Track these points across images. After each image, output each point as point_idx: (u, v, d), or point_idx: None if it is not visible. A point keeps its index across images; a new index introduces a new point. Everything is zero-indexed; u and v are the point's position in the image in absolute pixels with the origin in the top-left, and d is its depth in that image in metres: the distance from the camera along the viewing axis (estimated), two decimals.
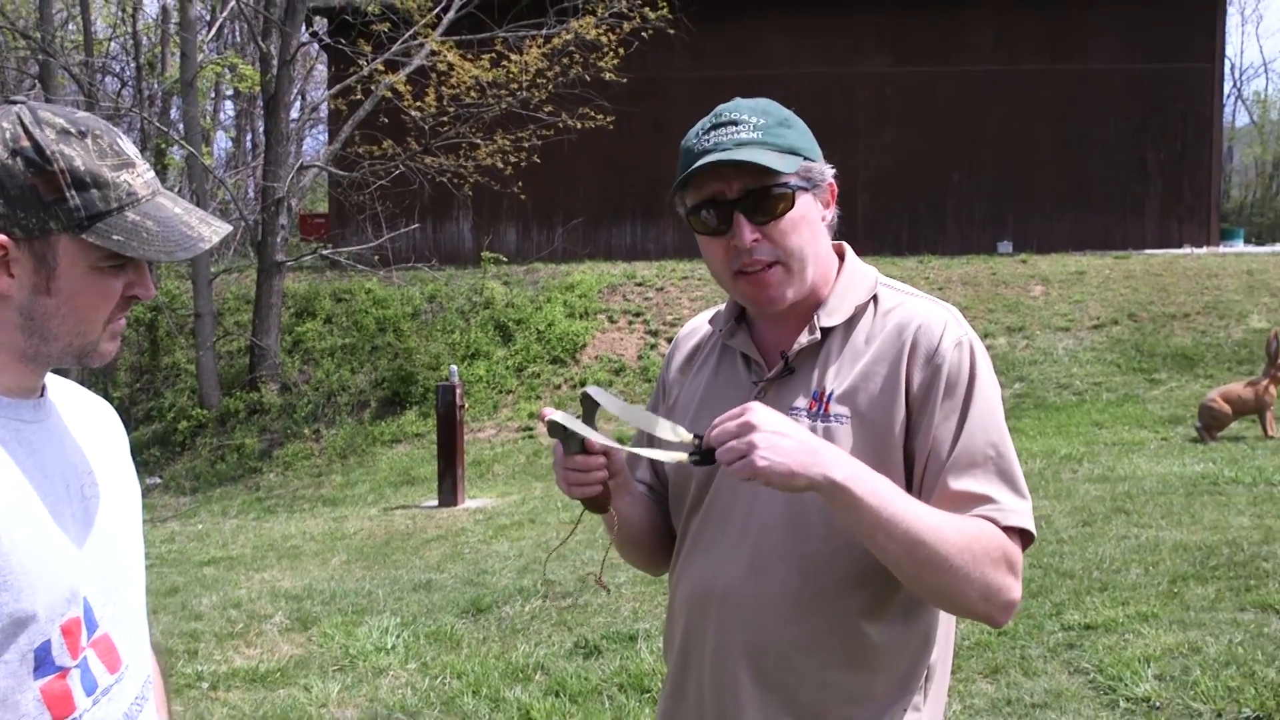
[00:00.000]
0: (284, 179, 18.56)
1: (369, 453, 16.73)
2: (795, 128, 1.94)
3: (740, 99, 1.98)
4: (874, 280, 2.02)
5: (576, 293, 20.00)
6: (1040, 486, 9.83)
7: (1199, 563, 6.79)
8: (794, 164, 1.89)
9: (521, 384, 17.99)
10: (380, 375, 18.47)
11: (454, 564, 9.29)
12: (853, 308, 1.97)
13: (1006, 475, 1.85)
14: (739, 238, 1.89)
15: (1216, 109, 24.63)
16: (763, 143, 1.88)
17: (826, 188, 1.97)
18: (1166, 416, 13.70)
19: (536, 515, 11.37)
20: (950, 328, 1.91)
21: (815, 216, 1.95)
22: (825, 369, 1.94)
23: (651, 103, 22.97)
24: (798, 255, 1.91)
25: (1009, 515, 1.82)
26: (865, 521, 1.72)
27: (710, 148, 1.89)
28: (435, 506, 12.71)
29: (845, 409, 1.89)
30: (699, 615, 1.99)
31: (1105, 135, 23.87)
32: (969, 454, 1.83)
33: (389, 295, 20.15)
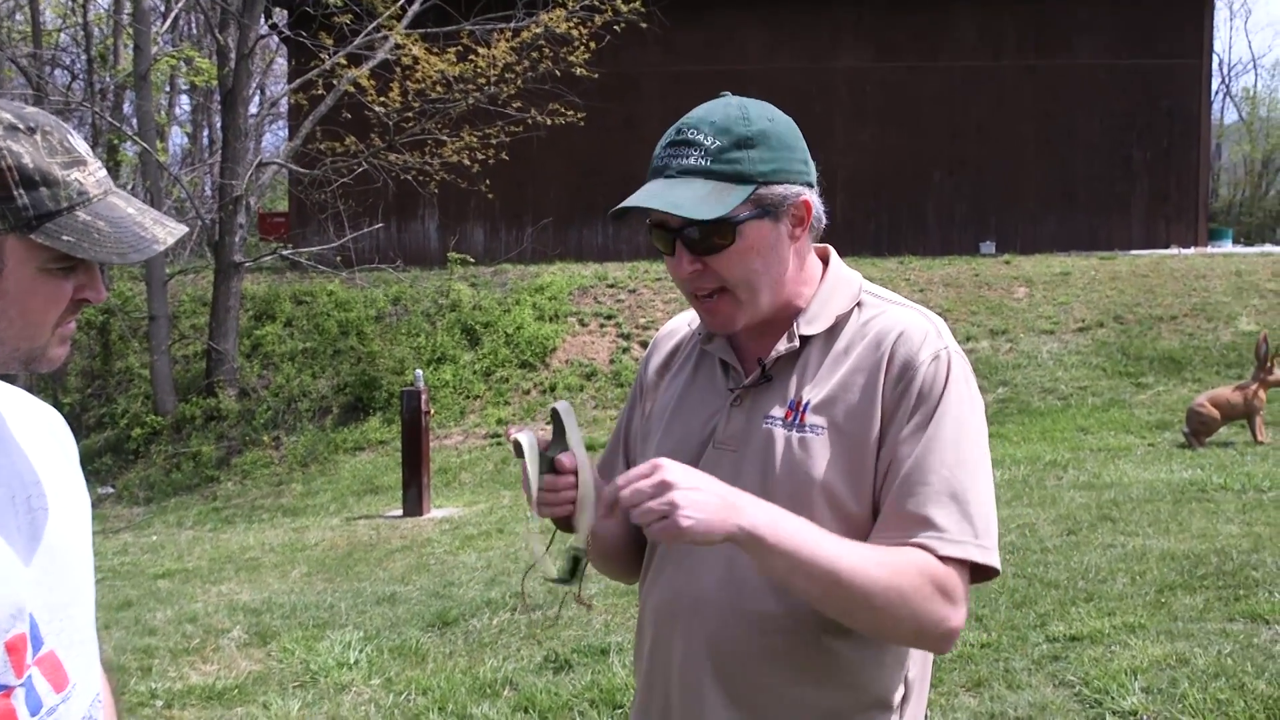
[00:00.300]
0: (242, 176, 18.47)
1: (331, 461, 16.66)
2: (761, 145, 1.88)
3: (713, 105, 1.93)
4: (858, 288, 2.02)
5: (546, 295, 19.98)
6: (1024, 494, 9.88)
7: (1187, 572, 6.83)
8: (738, 197, 1.84)
9: (489, 389, 17.95)
10: (342, 380, 18.40)
11: (419, 576, 9.26)
12: (834, 316, 1.96)
13: (960, 500, 1.82)
14: (677, 268, 1.90)
15: (1204, 105, 24.81)
16: (707, 171, 1.85)
17: (796, 207, 1.92)
18: (1153, 421, 13.79)
19: (505, 525, 11.35)
20: (930, 339, 1.90)
21: (771, 243, 1.91)
22: (803, 378, 1.94)
23: (624, 99, 22.99)
24: (745, 284, 1.90)
25: (947, 545, 1.79)
26: (779, 567, 1.73)
27: (660, 167, 1.89)
28: (400, 516, 12.67)
29: (822, 419, 1.88)
30: (667, 627, 1.99)
31: (1090, 133, 24.02)
32: (922, 474, 1.82)
33: (352, 297, 20.07)
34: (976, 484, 1.84)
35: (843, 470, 1.84)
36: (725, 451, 1.95)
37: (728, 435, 1.96)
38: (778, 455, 1.89)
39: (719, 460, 1.95)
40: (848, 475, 1.84)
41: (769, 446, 1.90)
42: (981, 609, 6.37)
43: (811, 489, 1.86)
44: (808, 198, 1.93)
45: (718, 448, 1.96)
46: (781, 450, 1.89)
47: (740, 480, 1.88)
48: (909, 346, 1.89)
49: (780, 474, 1.88)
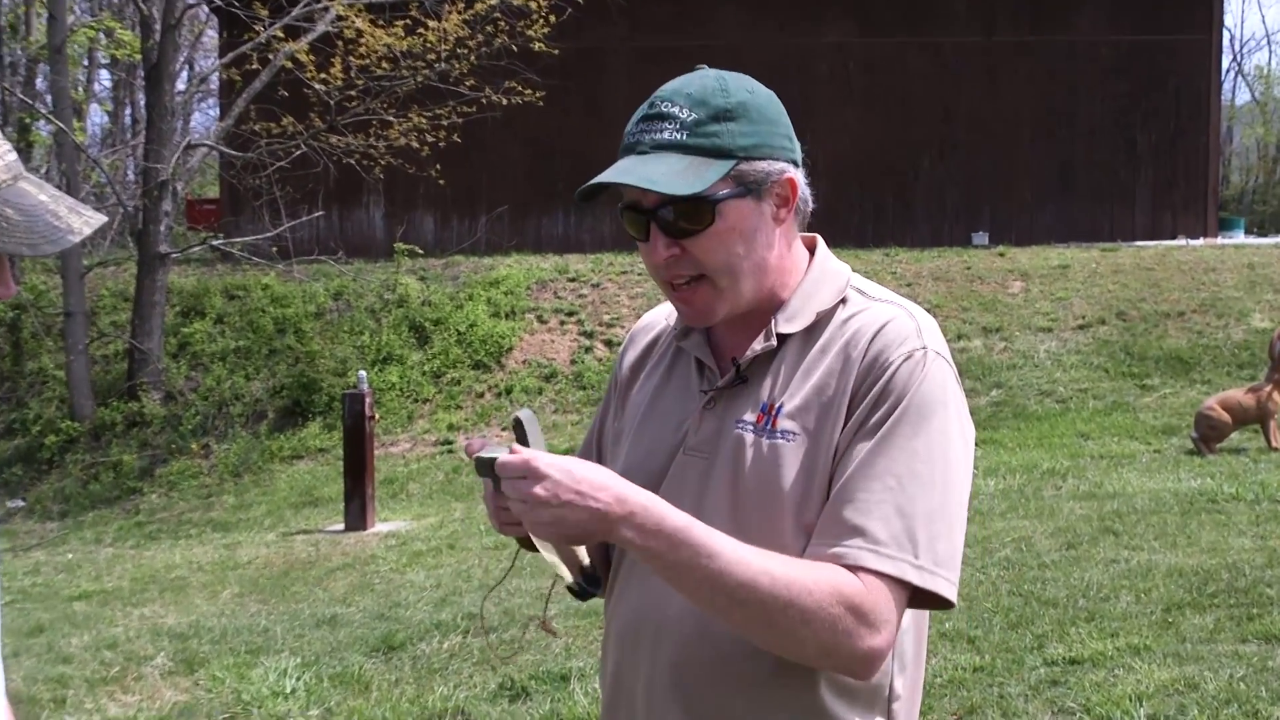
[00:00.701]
0: (168, 159, 18.35)
1: (266, 470, 16.58)
2: (742, 119, 1.89)
3: (692, 77, 1.94)
4: (844, 281, 2.00)
5: (502, 289, 19.94)
6: (1020, 505, 9.92)
7: (1196, 589, 6.87)
8: (717, 173, 1.85)
9: (440, 392, 17.91)
10: (279, 382, 18.31)
11: (362, 596, 9.22)
12: (815, 313, 1.95)
13: (905, 514, 1.78)
14: (653, 253, 1.89)
15: (1214, 85, 24.99)
16: (683, 146, 1.85)
17: (780, 185, 1.94)
18: (1159, 426, 13.88)
19: (457, 540, 11.32)
20: (908, 338, 1.88)
21: (755, 224, 1.91)
22: (777, 380, 1.93)
23: (586, 77, 22.98)
24: (725, 270, 1.89)
25: (877, 558, 1.76)
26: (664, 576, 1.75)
27: (632, 144, 1.88)
28: (341, 531, 12.62)
29: (795, 425, 1.88)
30: (631, 650, 1.98)
31: (1091, 115, 24.16)
32: (865, 477, 1.80)
33: (289, 292, 19.98)
34: (930, 499, 1.80)
35: (810, 480, 1.83)
36: (696, 458, 1.94)
37: (699, 440, 1.95)
38: (747, 463, 1.88)
39: (690, 467, 1.94)
40: (815, 484, 1.84)
41: (739, 453, 1.89)
42: (974, 630, 6.40)
43: (780, 500, 1.85)
44: (792, 176, 1.94)
45: (688, 454, 1.96)
46: (751, 457, 1.88)
47: (710, 489, 1.89)
48: (884, 344, 1.87)
49: (749, 483, 1.87)
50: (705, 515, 1.85)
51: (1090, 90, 24.11)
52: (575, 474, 1.69)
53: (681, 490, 1.91)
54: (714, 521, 1.83)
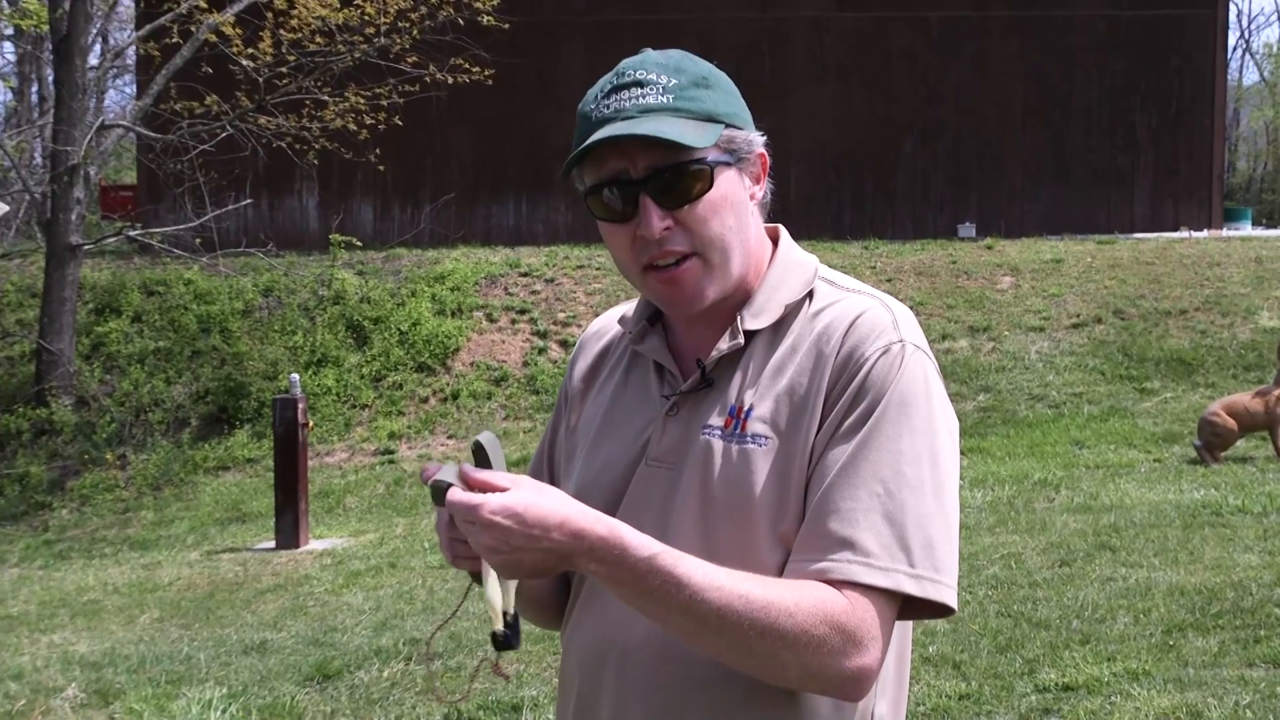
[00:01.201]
0: (80, 141, 18.23)
1: (189, 483, 16.50)
2: (716, 88, 1.94)
3: (650, 51, 1.97)
4: (812, 273, 2.02)
5: (448, 285, 19.91)
6: (1009, 518, 9.97)
7: (1199, 609, 6.92)
8: (712, 134, 1.88)
9: (380, 397, 17.86)
10: (203, 387, 18.22)
11: (295, 620, 9.19)
12: (782, 307, 1.96)
13: (894, 520, 1.79)
14: (646, 226, 1.88)
15: (1219, 64, 25.18)
16: (673, 109, 1.87)
17: (756, 159, 1.98)
18: (1160, 433, 13.98)
19: (398, 559, 11.29)
20: (884, 330, 1.89)
21: (741, 196, 1.94)
22: (746, 381, 1.93)
23: (539, 53, 22.95)
24: (719, 245, 1.91)
25: (870, 571, 1.76)
26: (631, 603, 1.76)
27: (609, 115, 1.88)
28: (272, 549, 12.57)
29: (766, 429, 1.88)
30: (594, 678, 1.98)
31: (1087, 96, 24.30)
32: (849, 484, 1.80)
33: (214, 288, 19.88)
34: (920, 502, 1.81)
35: (783, 487, 1.84)
36: (660, 469, 1.95)
37: (663, 450, 1.95)
38: (715, 471, 1.89)
39: (653, 480, 1.95)
40: (788, 492, 1.84)
41: (707, 460, 1.90)
42: (960, 654, 6.43)
43: (752, 510, 1.85)
44: (763, 151, 1.98)
45: (651, 465, 1.96)
46: (720, 465, 1.89)
47: (676, 502, 1.89)
48: (858, 338, 1.88)
49: (717, 492, 1.88)
50: (672, 530, 1.86)
51: (1086, 69, 24.26)
52: (526, 516, 1.68)
53: (645, 505, 1.92)
54: (682, 536, 1.84)
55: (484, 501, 1.68)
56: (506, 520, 1.67)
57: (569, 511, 1.70)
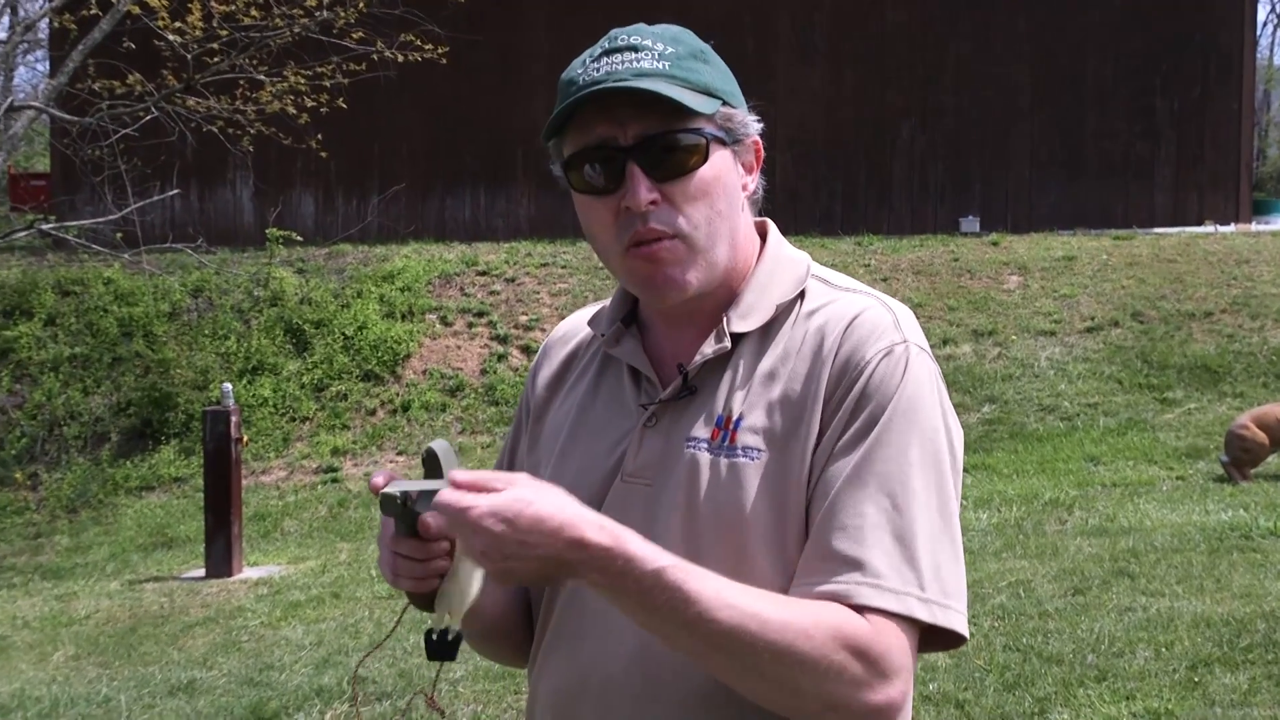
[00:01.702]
0: None
1: (109, 505, 16.43)
2: (713, 64, 1.95)
3: (639, 25, 1.98)
4: (804, 270, 2.03)
5: (397, 285, 19.88)
6: (1017, 542, 9.99)
7: (1227, 642, 6.95)
8: (710, 106, 1.89)
9: (322, 409, 17.82)
10: (125, 398, 18.15)
11: (227, 656, 9.15)
12: (773, 307, 1.97)
13: (903, 538, 1.80)
14: (633, 196, 1.87)
15: (1248, 42, 25.28)
16: (670, 75, 1.88)
17: (750, 147, 1.99)
18: (1183, 448, 14.03)
19: (342, 588, 11.27)
20: (884, 331, 1.90)
21: (734, 181, 1.96)
22: (734, 387, 1.93)
23: (500, 29, 22.94)
24: (705, 228, 1.91)
25: (879, 594, 1.77)
26: (638, 619, 1.75)
27: (599, 78, 1.88)
28: (202, 578, 12.53)
29: (758, 440, 1.89)
30: (568, 713, 1.98)
31: (1102, 77, 24.39)
32: (855, 499, 1.81)
33: (137, 287, 19.82)
34: (930, 518, 1.82)
35: (780, 504, 1.84)
36: (637, 486, 1.95)
37: (640, 465, 1.96)
38: (701, 487, 1.89)
39: (630, 497, 1.94)
40: (786, 510, 1.84)
41: (692, 475, 1.90)
42: (963, 692, 6.43)
43: (744, 529, 1.85)
44: (758, 139, 1.99)
45: (627, 481, 1.96)
46: (707, 481, 1.89)
47: (658, 521, 1.89)
48: (857, 340, 1.89)
49: (705, 510, 1.87)
50: None
51: (1101, 47, 24.33)
52: (520, 520, 1.66)
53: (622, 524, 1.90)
54: None
55: (475, 503, 1.67)
56: (498, 525, 1.66)
57: (569, 516, 1.69)
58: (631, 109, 1.86)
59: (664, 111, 1.85)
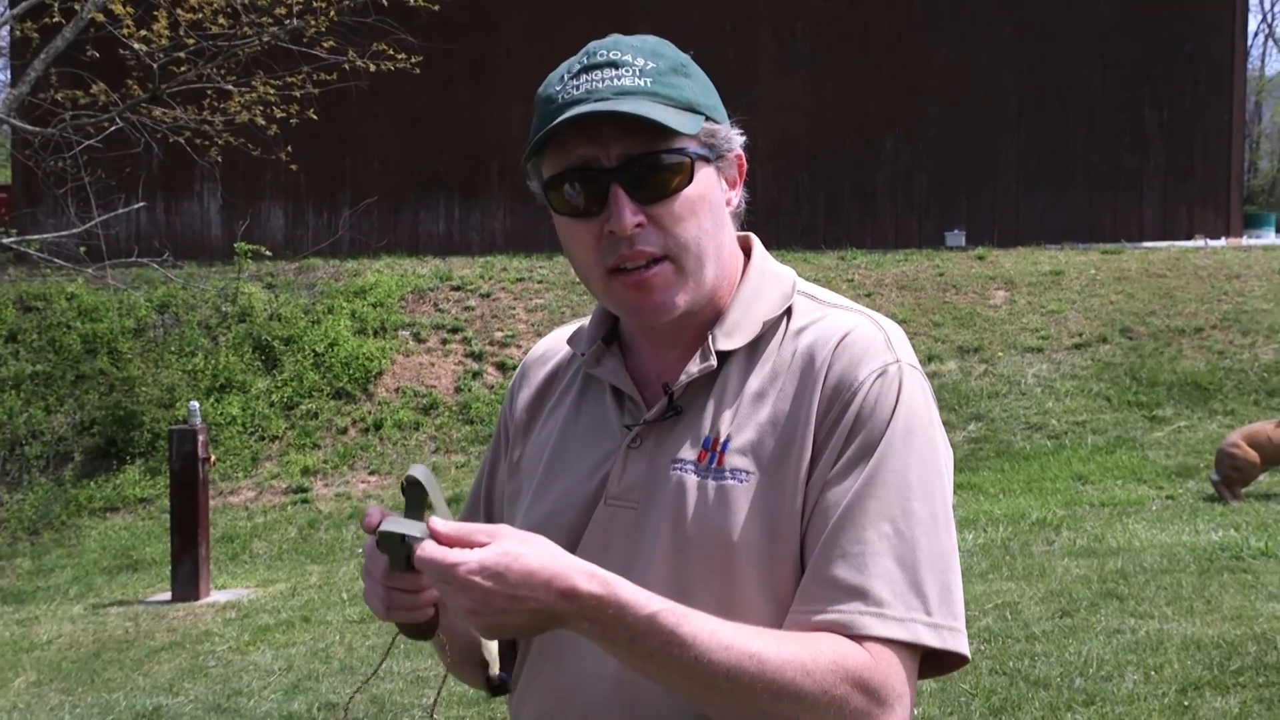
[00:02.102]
0: None
1: (72, 526, 16.37)
2: (695, 78, 1.95)
3: (618, 36, 1.98)
4: (790, 286, 2.04)
5: (369, 300, 19.86)
6: (1004, 563, 10.01)
7: (1217, 665, 6.97)
8: (694, 124, 1.89)
9: (292, 428, 17.78)
10: (88, 416, 18.10)
11: (194, 682, 9.13)
12: (759, 325, 1.97)
13: (906, 563, 1.81)
14: (617, 220, 1.87)
15: (1238, 52, 25.38)
16: (652, 93, 1.88)
17: (734, 161, 2.00)
18: (1173, 467, 14.07)
19: (312, 611, 11.24)
20: (876, 350, 1.91)
21: (718, 198, 1.96)
22: (721, 408, 1.94)
23: (474, 38, 22.95)
24: (694, 249, 1.91)
25: (885, 623, 1.78)
26: (630, 667, 1.76)
27: (579, 97, 1.88)
28: (168, 601, 12.49)
29: (747, 462, 1.89)
30: None
31: (1090, 87, 24.47)
32: (856, 527, 1.81)
33: (101, 303, 19.77)
34: (932, 541, 1.83)
35: (772, 529, 1.84)
36: (622, 509, 1.95)
37: (625, 487, 1.96)
38: (689, 511, 1.89)
39: (614, 521, 1.95)
40: (779, 535, 1.85)
41: (679, 499, 1.90)
42: (949, 716, 6.44)
43: (733, 555, 1.86)
44: (741, 153, 2.00)
45: (611, 504, 1.96)
46: (694, 504, 1.89)
47: (643, 546, 1.89)
48: (848, 359, 1.90)
49: (692, 534, 1.87)
50: (638, 577, 1.85)
51: (1089, 57, 24.42)
52: (509, 575, 1.66)
53: (606, 548, 1.92)
54: (651, 584, 1.83)
55: (462, 559, 1.66)
56: (487, 581, 1.66)
57: (558, 568, 1.68)
58: (614, 129, 1.85)
59: (647, 131, 1.85)
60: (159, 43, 18.51)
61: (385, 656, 2.23)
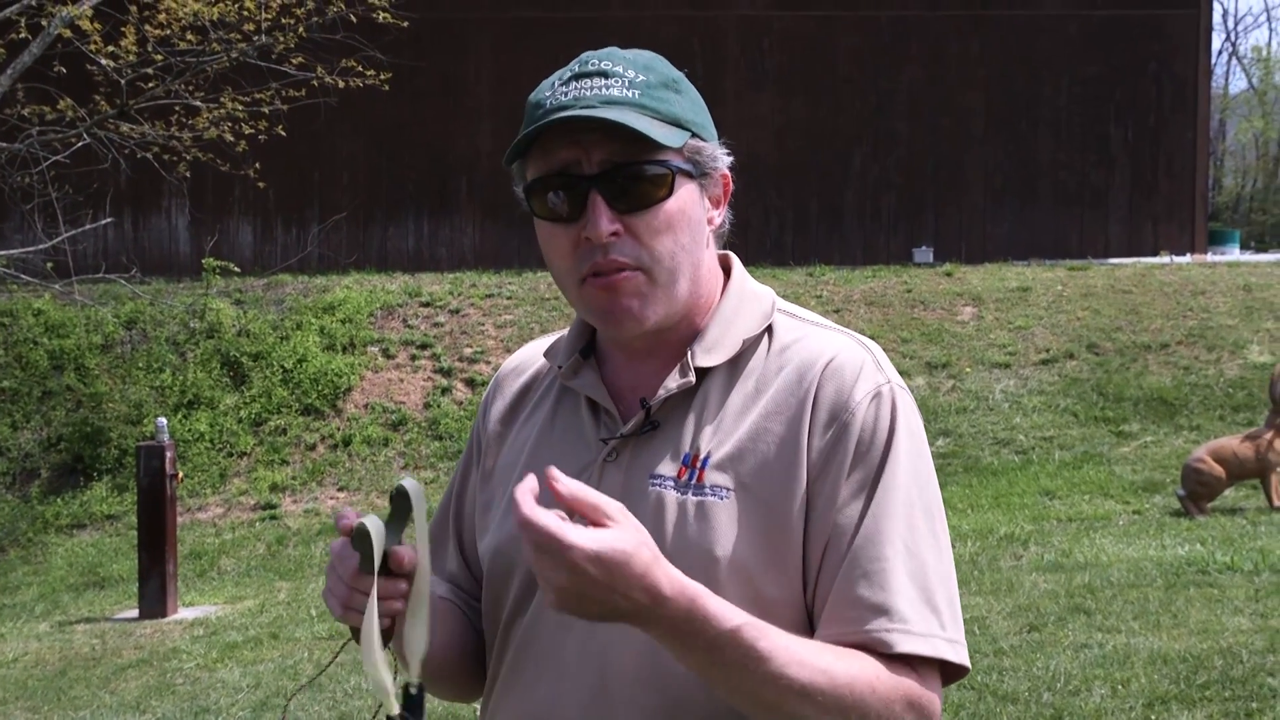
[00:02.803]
0: None
1: (38, 543, 16.30)
2: (685, 94, 1.97)
3: (612, 49, 1.99)
4: (770, 305, 2.04)
5: (338, 316, 19.82)
6: (972, 578, 10.02)
7: (1184, 679, 6.98)
8: (679, 138, 1.90)
9: (260, 444, 17.73)
10: (55, 432, 18.02)
11: (161, 700, 9.09)
12: (739, 342, 1.98)
13: (921, 581, 1.85)
14: (593, 227, 1.88)
15: (1203, 69, 25.53)
16: (639, 105, 1.89)
17: (719, 180, 2.01)
18: (1139, 482, 14.11)
19: (281, 628, 11.20)
20: (867, 372, 1.93)
21: (699, 215, 1.96)
22: (700, 424, 1.94)
23: (443, 55, 22.94)
24: (667, 263, 1.92)
25: (912, 639, 1.82)
26: (701, 677, 1.77)
27: (567, 103, 1.88)
28: (135, 618, 12.44)
29: (727, 479, 1.89)
30: None
31: (1056, 105, 24.59)
32: (875, 548, 1.84)
33: (68, 319, 19.69)
34: (938, 558, 1.89)
35: (757, 545, 1.85)
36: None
37: None
38: (669, 526, 1.89)
39: None
40: (764, 551, 1.86)
41: (658, 515, 1.90)
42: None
43: (715, 569, 1.86)
44: (728, 173, 2.02)
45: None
46: (673, 520, 1.90)
47: None
48: (841, 382, 1.91)
49: (672, 550, 1.85)
50: None
51: (1054, 74, 24.55)
52: (616, 571, 1.63)
53: None
54: None
55: (578, 544, 1.61)
56: (595, 570, 1.63)
57: (656, 574, 1.67)
58: (597, 136, 1.86)
59: (630, 141, 1.85)
60: (127, 58, 18.46)
61: (334, 658, 2.22)
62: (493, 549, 2.00)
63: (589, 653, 1.91)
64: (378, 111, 21.91)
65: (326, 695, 8.24)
